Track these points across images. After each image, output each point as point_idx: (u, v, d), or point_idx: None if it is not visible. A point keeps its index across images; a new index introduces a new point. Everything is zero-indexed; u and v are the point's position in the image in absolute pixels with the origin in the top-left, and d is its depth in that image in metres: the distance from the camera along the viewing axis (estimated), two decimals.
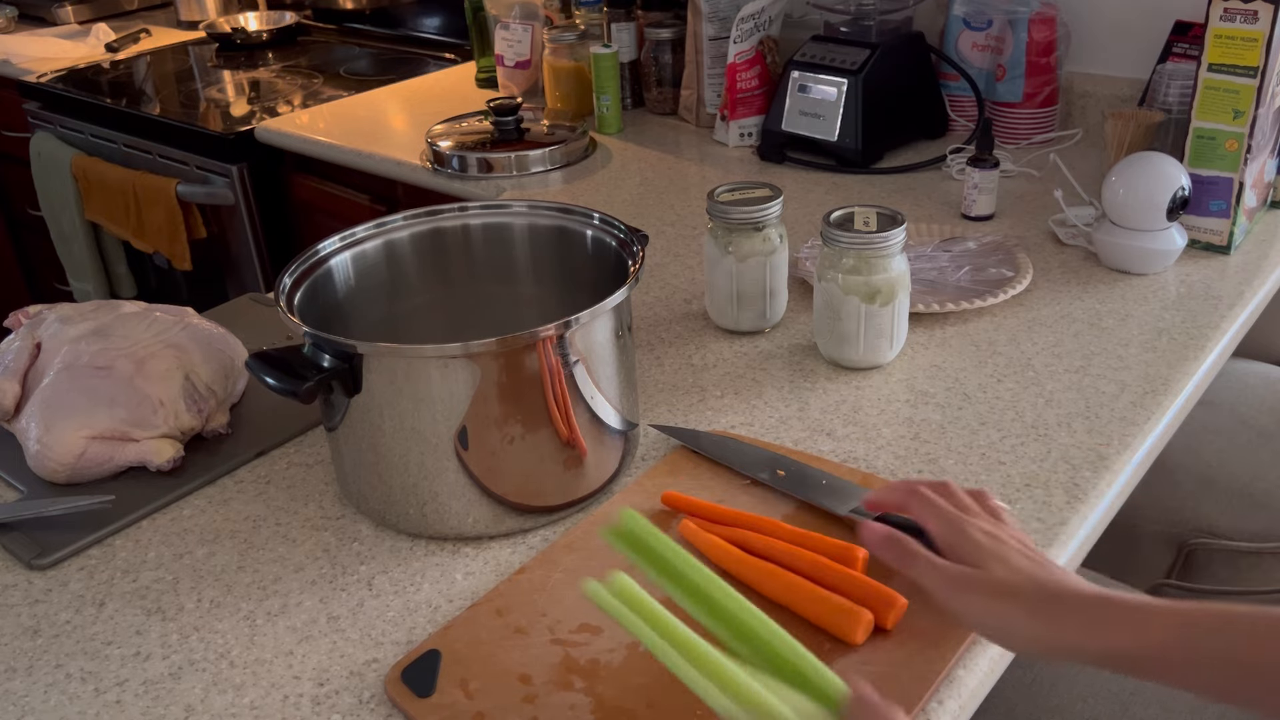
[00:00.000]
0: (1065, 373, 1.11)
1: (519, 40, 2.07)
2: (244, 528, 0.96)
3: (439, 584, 0.88)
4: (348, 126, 2.02)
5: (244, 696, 0.78)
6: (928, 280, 1.28)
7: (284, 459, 1.05)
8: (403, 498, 0.91)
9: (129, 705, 0.78)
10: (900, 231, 1.07)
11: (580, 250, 1.05)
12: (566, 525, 0.93)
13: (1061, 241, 1.39)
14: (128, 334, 1.05)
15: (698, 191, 1.63)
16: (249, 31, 2.69)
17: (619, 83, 1.91)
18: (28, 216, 2.68)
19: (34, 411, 1.00)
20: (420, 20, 2.59)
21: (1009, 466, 0.97)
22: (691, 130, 1.91)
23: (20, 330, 1.10)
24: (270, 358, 0.85)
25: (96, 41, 2.67)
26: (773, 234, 1.17)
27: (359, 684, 0.79)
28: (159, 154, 2.21)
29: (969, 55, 1.75)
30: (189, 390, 1.04)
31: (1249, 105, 1.25)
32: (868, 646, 0.77)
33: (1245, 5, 1.22)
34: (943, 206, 1.52)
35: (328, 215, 2.03)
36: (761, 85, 1.79)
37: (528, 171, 1.74)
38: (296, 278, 0.96)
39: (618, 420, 0.95)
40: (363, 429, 0.89)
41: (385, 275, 1.05)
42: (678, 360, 1.17)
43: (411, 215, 1.06)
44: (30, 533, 0.95)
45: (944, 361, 1.14)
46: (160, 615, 0.86)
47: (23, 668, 0.82)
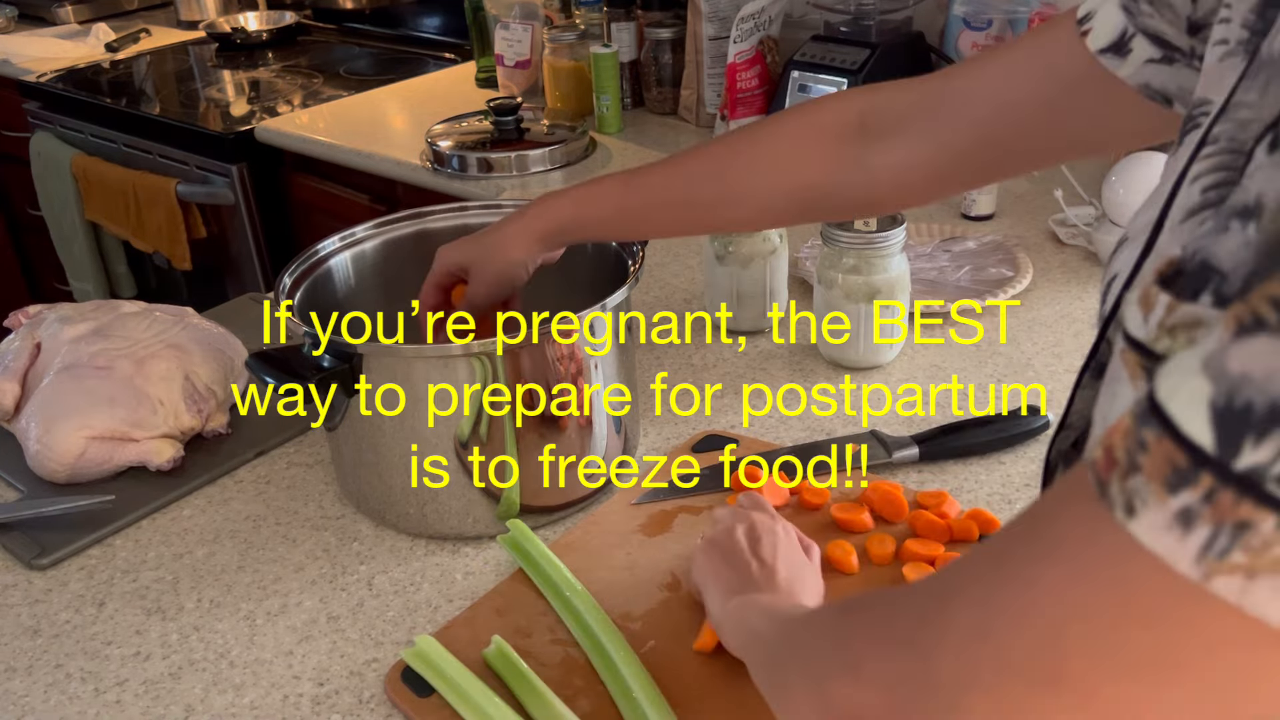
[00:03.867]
0: (1065, 373, 1.11)
1: (519, 40, 2.07)
2: (244, 528, 0.96)
3: (439, 584, 0.88)
4: (347, 126, 2.01)
5: (244, 696, 0.78)
6: (928, 280, 1.28)
7: (284, 459, 1.05)
8: (403, 498, 0.91)
9: (129, 705, 0.78)
10: (900, 231, 1.07)
11: (580, 250, 1.05)
12: (566, 525, 0.93)
13: (1061, 241, 1.39)
14: (128, 334, 1.05)
15: None
16: (249, 31, 2.69)
17: (619, 82, 1.91)
18: (28, 216, 2.68)
19: (34, 411, 1.00)
20: (420, 20, 2.59)
21: (1009, 466, 0.97)
22: (691, 130, 1.91)
23: (20, 330, 1.10)
24: (270, 358, 0.85)
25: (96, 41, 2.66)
26: (773, 234, 1.17)
27: (359, 684, 0.79)
28: (159, 154, 2.21)
29: (969, 55, 1.75)
30: (189, 390, 1.04)
31: None
32: None
33: None
34: (943, 206, 1.52)
35: (328, 215, 2.03)
36: (761, 85, 1.79)
37: (528, 171, 1.74)
38: (296, 278, 0.96)
39: (618, 420, 0.95)
40: (363, 429, 0.89)
41: (385, 275, 1.05)
42: (678, 360, 1.17)
43: (411, 215, 1.06)
44: (30, 533, 0.95)
45: (944, 361, 1.14)
46: (160, 615, 0.86)
47: (23, 667, 0.82)
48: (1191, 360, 0.33)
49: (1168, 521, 0.33)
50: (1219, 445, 0.32)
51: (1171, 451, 0.33)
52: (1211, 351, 0.33)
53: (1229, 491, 0.31)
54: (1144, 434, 0.34)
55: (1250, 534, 0.31)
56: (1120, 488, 0.35)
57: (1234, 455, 0.31)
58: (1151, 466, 0.33)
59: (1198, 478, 0.32)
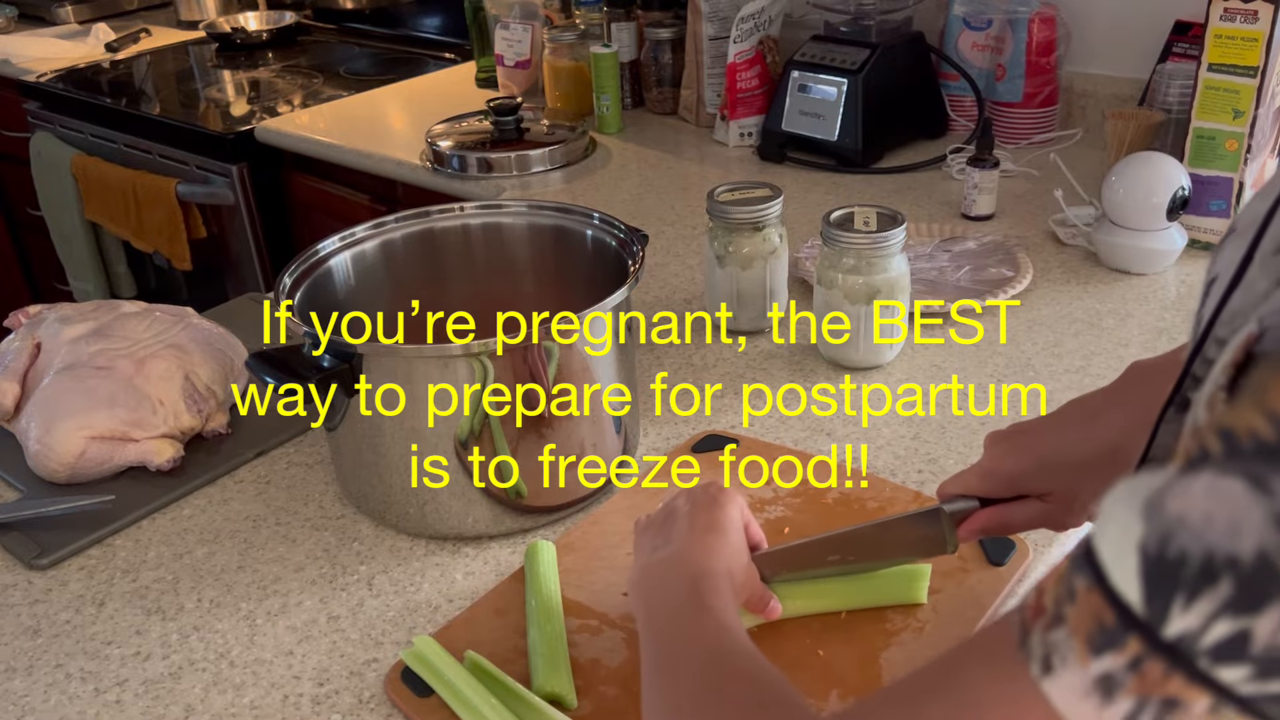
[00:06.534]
0: (1065, 373, 1.11)
1: (519, 40, 2.07)
2: (244, 528, 0.96)
3: (439, 584, 0.88)
4: (348, 126, 2.01)
5: (244, 696, 0.78)
6: (928, 280, 1.28)
7: (284, 459, 1.05)
8: (403, 498, 0.91)
9: (129, 705, 0.78)
10: (900, 231, 1.07)
11: (580, 250, 1.05)
12: (566, 525, 0.93)
13: (1061, 241, 1.39)
14: (128, 334, 1.05)
15: (698, 191, 1.63)
16: (249, 31, 2.69)
17: (619, 82, 1.91)
18: (28, 216, 2.68)
19: (34, 411, 1.00)
20: (420, 20, 2.59)
21: None
22: (691, 130, 1.91)
23: (20, 330, 1.10)
24: (270, 358, 0.85)
25: (96, 41, 2.66)
26: (773, 234, 1.17)
27: (359, 684, 0.79)
28: (159, 154, 2.21)
29: (969, 55, 1.75)
30: (189, 390, 1.04)
31: (1249, 105, 1.25)
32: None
33: (1245, 5, 1.22)
34: (943, 206, 1.52)
35: (328, 215, 2.03)
36: (761, 85, 1.79)
37: (528, 171, 1.74)
38: (296, 278, 0.96)
39: (617, 420, 0.95)
40: (363, 429, 0.89)
41: (385, 275, 1.05)
42: (678, 360, 1.17)
43: (411, 215, 1.06)
44: (30, 533, 0.95)
45: (944, 361, 1.14)
46: (160, 615, 0.86)
47: (23, 667, 0.82)
48: (1137, 491, 0.29)
49: (1087, 686, 0.29)
50: (1147, 605, 0.28)
51: (1099, 606, 0.29)
52: (1157, 487, 0.29)
53: (1158, 662, 0.28)
54: (1075, 580, 0.30)
55: (1179, 713, 0.27)
56: (1041, 639, 0.31)
57: (1163, 619, 0.28)
58: (1077, 620, 0.30)
59: (1124, 641, 0.28)
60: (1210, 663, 0.27)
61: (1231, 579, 0.26)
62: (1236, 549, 0.26)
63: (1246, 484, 0.27)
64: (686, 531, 0.71)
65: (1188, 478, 0.28)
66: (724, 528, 0.71)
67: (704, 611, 0.63)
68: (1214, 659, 0.27)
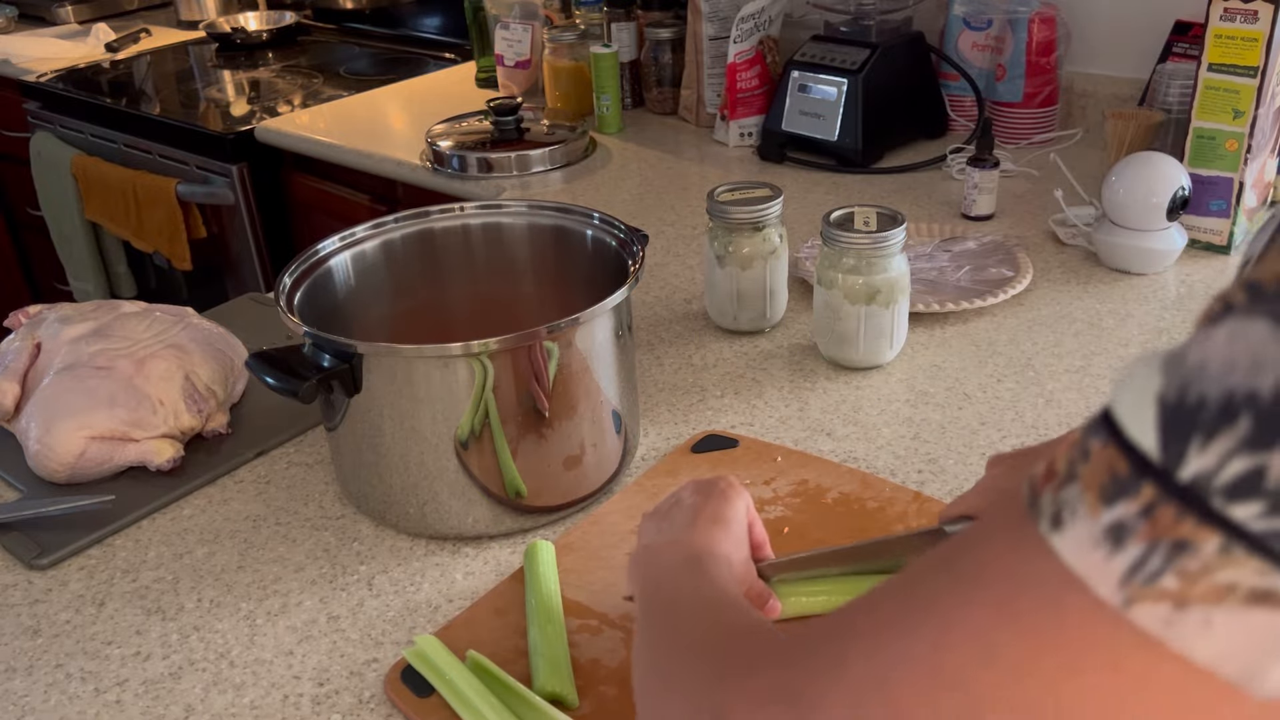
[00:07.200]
0: (1065, 373, 1.11)
1: (519, 40, 2.07)
2: (244, 528, 0.96)
3: (439, 584, 0.88)
4: (348, 126, 2.01)
5: (244, 696, 0.78)
6: (928, 280, 1.28)
7: (284, 459, 1.05)
8: (403, 498, 0.91)
9: (129, 705, 0.78)
10: (900, 231, 1.07)
11: (580, 250, 1.05)
12: (566, 525, 0.93)
13: (1061, 241, 1.39)
14: (128, 334, 1.05)
15: (698, 191, 1.63)
16: (249, 31, 2.69)
17: (619, 82, 1.91)
18: (28, 216, 2.68)
19: (34, 411, 1.00)
20: (420, 20, 2.59)
21: None
22: (691, 130, 1.91)
23: (20, 330, 1.10)
24: (270, 358, 0.85)
25: (96, 41, 2.66)
26: (773, 234, 1.17)
27: (359, 684, 0.79)
28: (159, 154, 2.21)
29: (969, 55, 1.75)
30: (189, 390, 1.04)
31: (1249, 105, 1.25)
32: None
33: (1245, 5, 1.22)
34: (943, 206, 1.52)
35: (328, 215, 2.03)
36: (761, 85, 1.79)
37: (528, 171, 1.74)
38: (296, 278, 0.96)
39: (618, 420, 0.95)
40: (363, 429, 0.89)
41: (385, 275, 1.05)
42: (678, 360, 1.17)
43: (411, 215, 1.06)
44: (30, 533, 0.95)
45: (944, 361, 1.14)
46: (160, 615, 0.86)
47: (23, 667, 0.82)
48: (1157, 354, 0.29)
49: (1096, 537, 0.28)
50: (1164, 450, 0.27)
51: (1113, 458, 0.29)
52: (1177, 346, 0.29)
53: (1170, 506, 0.27)
54: (1090, 442, 0.30)
55: (1187, 556, 0.27)
56: (1052, 499, 0.30)
57: (1179, 462, 0.27)
58: (1089, 475, 0.29)
59: (1138, 488, 0.28)
60: (1224, 501, 0.26)
61: (1250, 416, 0.26)
62: (1257, 386, 0.26)
63: (1270, 323, 0.27)
64: (691, 520, 0.71)
65: (1209, 329, 0.28)
66: (728, 520, 0.72)
67: (704, 577, 0.63)
68: (1228, 497, 0.26)
